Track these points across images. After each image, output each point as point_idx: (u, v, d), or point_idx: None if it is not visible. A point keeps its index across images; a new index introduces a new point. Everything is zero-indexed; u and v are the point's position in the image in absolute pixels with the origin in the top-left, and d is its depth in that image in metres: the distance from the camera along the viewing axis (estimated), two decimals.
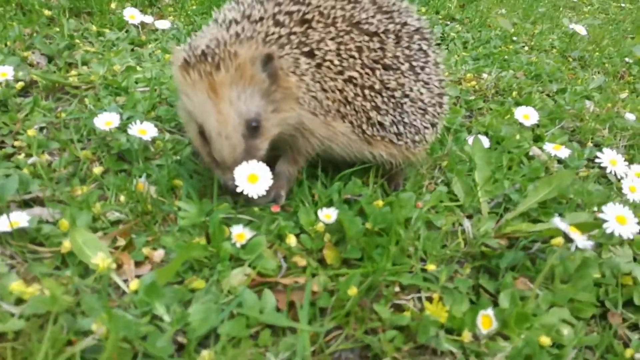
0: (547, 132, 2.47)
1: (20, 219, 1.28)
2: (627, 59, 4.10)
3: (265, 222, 1.46)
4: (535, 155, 2.17)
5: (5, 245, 1.30)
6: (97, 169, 1.64)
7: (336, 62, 1.47)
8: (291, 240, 1.39)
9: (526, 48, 3.92)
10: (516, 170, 2.04)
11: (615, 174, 1.81)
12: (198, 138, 1.43)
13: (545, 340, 1.21)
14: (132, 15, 2.74)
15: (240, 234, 1.32)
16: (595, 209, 1.85)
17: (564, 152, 1.97)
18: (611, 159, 1.80)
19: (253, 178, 1.34)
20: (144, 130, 1.70)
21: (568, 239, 1.34)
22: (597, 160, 1.83)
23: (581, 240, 1.29)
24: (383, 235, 1.44)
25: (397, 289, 1.35)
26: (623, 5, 7.54)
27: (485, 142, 2.00)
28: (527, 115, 2.12)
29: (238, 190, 1.33)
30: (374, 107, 1.55)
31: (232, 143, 1.34)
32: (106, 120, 1.71)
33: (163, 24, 2.80)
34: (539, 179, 2.02)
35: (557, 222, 1.33)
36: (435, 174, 1.96)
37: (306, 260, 1.36)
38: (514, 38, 4.03)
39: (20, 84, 2.07)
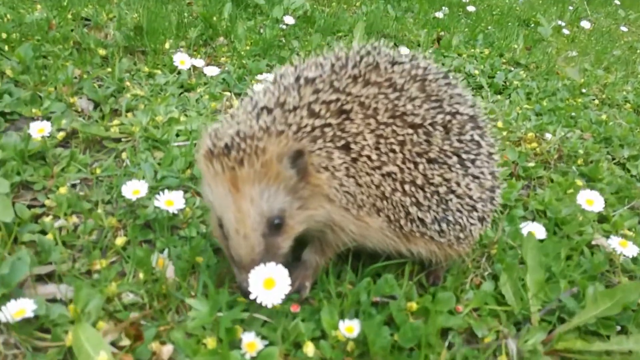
0: (614, 212, 2.22)
1: (27, 307, 1.22)
2: None
3: (283, 324, 1.33)
4: (599, 246, 1.95)
5: (11, 332, 1.24)
6: (120, 240, 1.58)
7: (374, 157, 1.33)
8: (309, 349, 1.26)
9: (596, 101, 3.64)
10: (576, 263, 1.83)
11: None
12: (218, 229, 1.33)
13: None
14: (182, 60, 2.72)
15: (251, 343, 1.21)
16: None
17: (631, 250, 1.74)
18: None
19: (270, 283, 1.22)
20: (171, 201, 1.63)
21: None
22: None
23: None
24: (414, 350, 1.28)
25: None
26: None
27: (541, 231, 1.80)
28: (591, 200, 1.90)
29: (251, 297, 1.22)
30: (415, 203, 1.40)
31: (251, 243, 1.24)
32: (134, 189, 1.65)
33: (211, 70, 2.76)
34: (602, 276, 1.80)
35: None
36: (482, 264, 1.78)
37: None
38: (583, 90, 3.75)
39: (62, 134, 2.07)
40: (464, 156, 1.46)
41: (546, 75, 4.04)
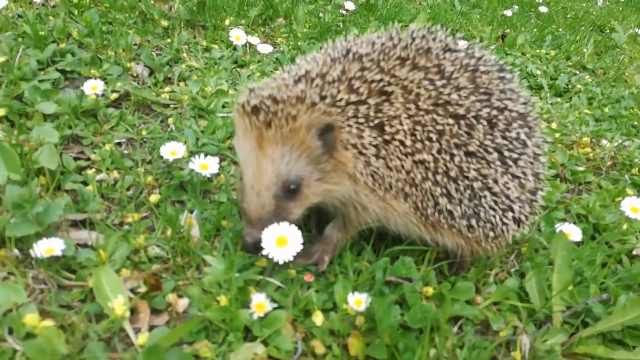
0: None
1: (56, 246, 1.29)
2: None
3: (295, 290, 1.35)
4: None
5: (40, 268, 1.32)
6: (154, 197, 1.65)
7: (408, 143, 1.31)
8: (318, 317, 1.28)
9: None
10: (612, 270, 1.75)
11: None
12: (238, 182, 1.37)
13: None
14: (238, 36, 2.79)
15: (260, 303, 1.24)
16: None
17: None
18: None
19: (282, 241, 1.25)
20: (206, 165, 1.68)
21: None
22: None
23: None
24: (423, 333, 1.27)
25: None
26: None
27: (577, 233, 1.73)
28: (636, 208, 1.81)
29: (264, 252, 1.25)
30: (445, 194, 1.37)
31: (262, 201, 1.27)
32: (172, 150, 1.71)
33: (265, 48, 2.81)
34: (639, 287, 1.72)
35: None
36: (510, 260, 1.74)
37: (326, 347, 1.24)
38: None
39: (114, 95, 2.17)
40: (506, 154, 1.41)
41: (613, 82, 3.85)
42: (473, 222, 1.43)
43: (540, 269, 1.59)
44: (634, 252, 1.87)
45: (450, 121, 1.35)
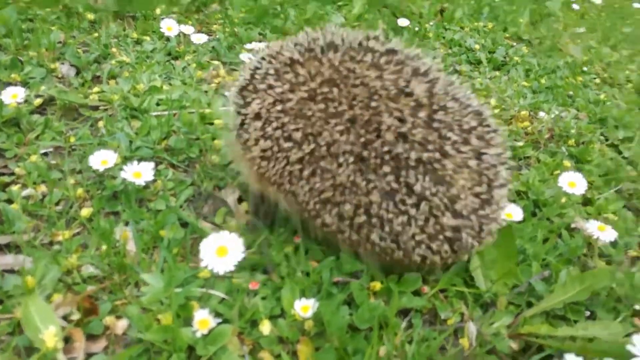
0: (599, 195, 2.17)
1: None
2: None
3: (240, 301, 1.31)
4: (578, 229, 1.91)
5: None
6: (86, 211, 1.56)
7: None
8: (265, 327, 1.25)
9: (597, 80, 3.55)
10: (554, 245, 1.79)
11: None
12: None
13: None
14: (170, 27, 2.67)
15: (203, 320, 1.19)
16: (638, 307, 1.60)
17: (609, 235, 1.70)
18: None
19: (222, 251, 1.21)
20: (139, 173, 1.60)
21: None
22: None
23: None
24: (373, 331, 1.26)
25: None
26: None
27: (517, 212, 1.76)
28: (573, 183, 1.85)
29: (202, 264, 1.21)
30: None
31: None
32: (102, 159, 1.62)
33: (200, 38, 2.70)
34: (579, 260, 1.77)
35: None
36: None
37: (274, 356, 1.22)
38: (585, 68, 3.65)
39: (38, 101, 2.04)
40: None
41: (549, 52, 3.94)
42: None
43: (484, 252, 1.61)
44: (572, 225, 1.92)
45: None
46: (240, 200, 1.77)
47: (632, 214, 2.13)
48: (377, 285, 1.42)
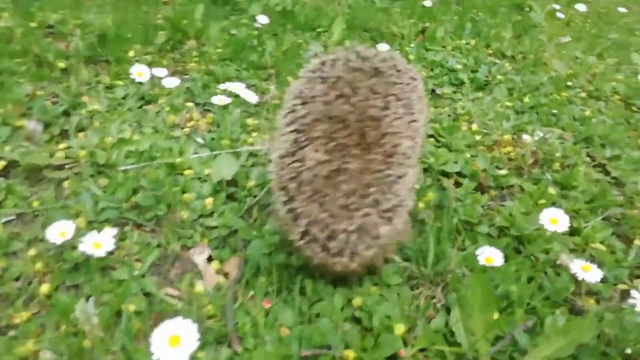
0: (586, 224, 2.10)
1: None
2: None
3: None
4: (564, 266, 1.83)
5: None
6: (45, 287, 1.50)
7: None
8: None
9: (582, 94, 3.47)
10: (539, 286, 1.72)
11: None
12: None
13: None
14: (140, 72, 2.62)
15: None
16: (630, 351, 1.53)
17: (594, 275, 1.63)
18: None
19: (174, 341, 1.15)
20: (99, 243, 1.54)
21: None
22: (630, 301, 1.49)
23: None
24: None
25: None
26: None
27: (498, 257, 1.69)
28: (555, 219, 1.79)
29: (153, 357, 1.14)
30: None
31: None
32: (60, 231, 1.56)
33: (171, 82, 2.65)
34: (566, 301, 1.70)
35: None
36: (437, 294, 1.68)
37: None
38: (569, 82, 3.59)
39: (2, 164, 1.98)
40: None
41: (533, 67, 3.88)
42: None
43: (464, 303, 1.54)
44: (558, 262, 1.85)
45: None
46: (210, 259, 1.71)
47: (621, 242, 2.05)
48: (350, 355, 1.35)
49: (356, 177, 1.38)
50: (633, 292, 1.49)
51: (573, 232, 2.07)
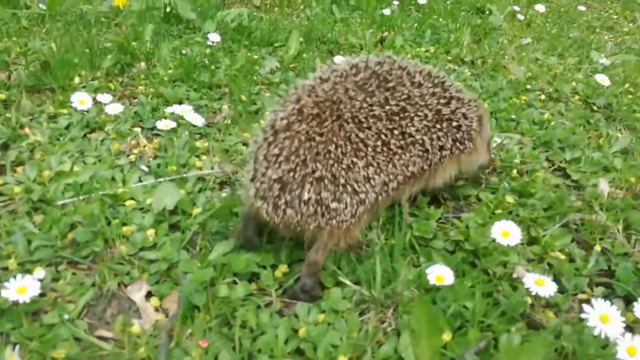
0: (545, 231, 2.06)
1: None
2: None
3: None
4: (520, 279, 1.77)
5: None
6: None
7: None
8: None
9: (542, 97, 3.46)
10: (494, 302, 1.67)
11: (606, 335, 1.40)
12: None
13: None
14: (82, 100, 2.52)
15: None
16: None
17: (548, 289, 1.57)
18: (602, 314, 1.40)
19: None
20: (24, 288, 1.44)
21: None
22: (583, 315, 1.43)
23: None
24: None
25: None
26: None
27: (448, 275, 1.62)
28: (506, 232, 1.73)
29: None
30: None
31: None
32: None
33: (114, 108, 2.56)
34: (524, 316, 1.64)
35: None
36: (388, 317, 1.61)
37: None
38: (529, 85, 3.57)
39: None
40: None
41: (492, 71, 3.86)
42: None
43: (412, 330, 1.47)
44: (514, 276, 1.79)
45: None
46: (149, 295, 1.62)
47: (581, 249, 2.00)
48: None
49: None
50: (586, 307, 1.43)
51: (531, 241, 2.03)
